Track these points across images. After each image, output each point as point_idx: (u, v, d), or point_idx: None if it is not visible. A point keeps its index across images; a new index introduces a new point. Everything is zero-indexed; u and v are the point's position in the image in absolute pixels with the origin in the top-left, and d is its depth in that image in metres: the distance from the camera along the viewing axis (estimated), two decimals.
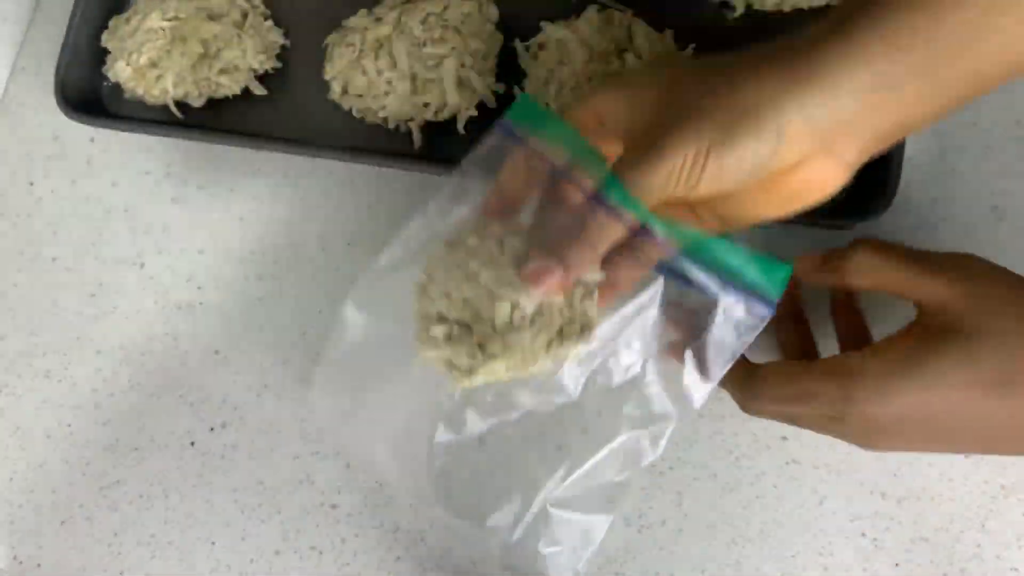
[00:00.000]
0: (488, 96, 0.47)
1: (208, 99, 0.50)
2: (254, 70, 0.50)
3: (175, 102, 0.50)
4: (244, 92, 0.50)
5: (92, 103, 0.52)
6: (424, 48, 0.46)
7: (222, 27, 0.49)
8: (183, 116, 0.51)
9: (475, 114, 0.47)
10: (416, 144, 0.48)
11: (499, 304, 0.34)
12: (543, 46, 0.47)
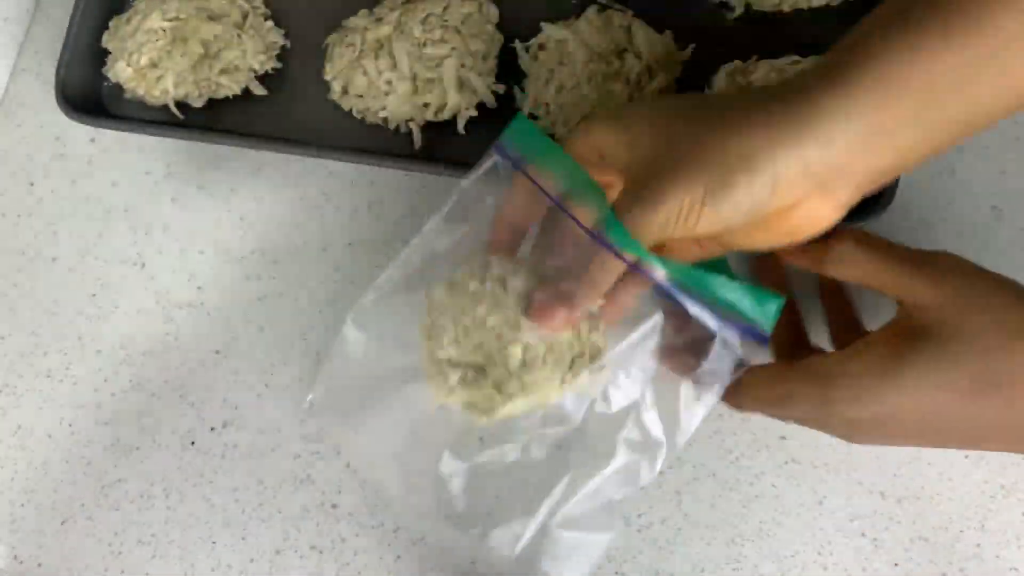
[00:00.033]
0: (488, 96, 0.47)
1: (208, 99, 0.50)
2: (254, 70, 0.50)
3: (175, 102, 0.50)
4: (244, 92, 0.50)
5: (92, 103, 0.52)
6: (424, 48, 0.47)
7: (222, 27, 0.49)
8: (183, 116, 0.51)
9: (475, 114, 0.47)
10: (416, 144, 0.49)
11: (511, 347, 0.35)
12: (543, 46, 0.47)
